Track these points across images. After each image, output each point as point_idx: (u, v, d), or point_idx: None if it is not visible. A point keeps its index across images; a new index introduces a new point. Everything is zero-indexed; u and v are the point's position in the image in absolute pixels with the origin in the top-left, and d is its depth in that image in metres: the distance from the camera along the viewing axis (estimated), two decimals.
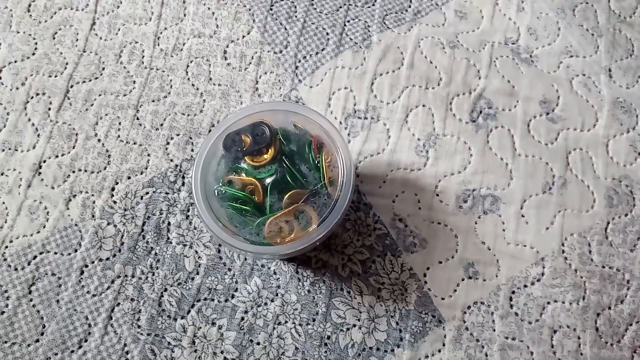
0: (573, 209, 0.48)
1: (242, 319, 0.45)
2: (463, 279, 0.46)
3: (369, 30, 0.53)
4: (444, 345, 0.44)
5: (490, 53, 0.53)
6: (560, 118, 0.51)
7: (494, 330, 0.45)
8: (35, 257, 0.46)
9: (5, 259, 0.46)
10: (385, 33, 0.53)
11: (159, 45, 0.53)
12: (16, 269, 0.45)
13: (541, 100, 0.51)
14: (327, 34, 0.53)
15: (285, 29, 0.54)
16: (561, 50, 0.53)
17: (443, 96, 0.51)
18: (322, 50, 0.53)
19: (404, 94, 0.51)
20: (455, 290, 0.46)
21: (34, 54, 0.52)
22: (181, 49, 0.53)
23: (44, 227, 0.47)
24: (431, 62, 0.52)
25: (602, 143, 0.50)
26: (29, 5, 0.54)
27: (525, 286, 0.46)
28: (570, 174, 0.49)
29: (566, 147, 0.50)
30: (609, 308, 0.45)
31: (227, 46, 0.53)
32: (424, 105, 0.51)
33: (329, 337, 0.44)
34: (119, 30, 0.53)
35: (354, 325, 0.45)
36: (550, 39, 0.53)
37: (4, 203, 0.47)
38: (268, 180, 0.41)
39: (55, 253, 0.46)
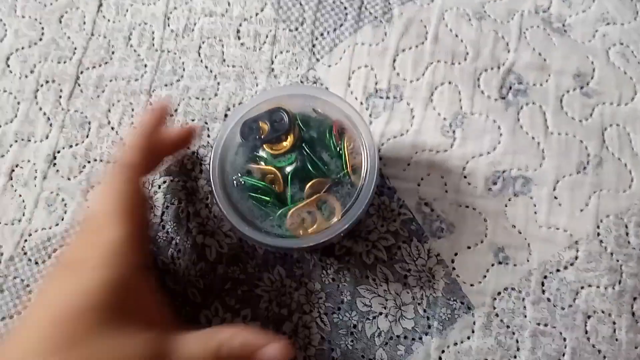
0: (609, 189, 0.45)
1: (267, 308, 0.44)
2: (493, 265, 0.44)
3: (389, 3, 0.50)
4: (473, 332, 0.43)
5: (520, 23, 0.49)
6: (596, 92, 0.48)
7: (525, 316, 0.43)
8: (55, 250, 0.45)
9: (25, 253, 0.45)
10: (407, 5, 0.50)
11: (169, 26, 0.51)
12: (37, 263, 0.45)
13: (575, 74, 0.48)
14: (345, 8, 0.50)
15: (301, 4, 0.51)
16: (597, 18, 0.49)
17: (470, 72, 0.48)
18: (340, 26, 0.50)
19: (428, 70, 0.48)
20: (485, 276, 0.44)
21: (41, 39, 0.50)
22: (192, 30, 0.50)
23: (62, 219, 0.46)
24: (457, 36, 0.49)
25: None
26: None
27: (558, 270, 0.44)
28: (607, 152, 0.46)
29: (602, 124, 0.47)
30: None
31: (240, 25, 0.50)
32: (449, 82, 0.48)
33: (354, 326, 0.43)
34: (127, 11, 0.51)
35: (380, 314, 0.44)
36: (584, 5, 0.50)
37: (20, 196, 0.47)
38: (288, 169, 0.39)
39: None
